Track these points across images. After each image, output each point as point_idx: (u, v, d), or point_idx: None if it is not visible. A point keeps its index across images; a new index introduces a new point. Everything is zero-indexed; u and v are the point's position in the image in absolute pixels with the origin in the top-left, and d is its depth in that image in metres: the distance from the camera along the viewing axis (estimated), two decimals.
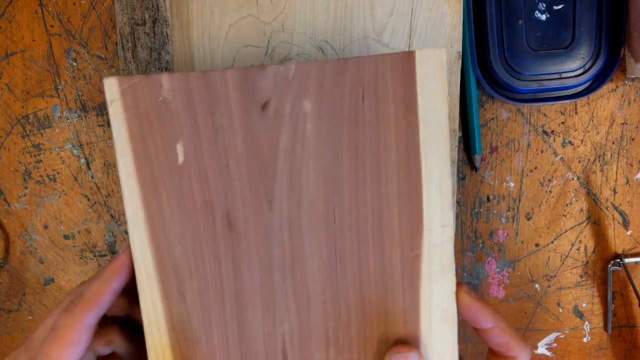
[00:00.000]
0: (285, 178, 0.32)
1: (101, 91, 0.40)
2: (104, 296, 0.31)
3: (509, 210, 0.42)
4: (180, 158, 0.32)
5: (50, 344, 0.30)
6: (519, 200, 0.42)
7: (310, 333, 0.34)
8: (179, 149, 0.32)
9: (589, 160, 0.41)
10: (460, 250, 0.42)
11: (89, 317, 0.31)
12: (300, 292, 0.33)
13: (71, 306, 0.31)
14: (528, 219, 0.42)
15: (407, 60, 0.31)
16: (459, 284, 0.32)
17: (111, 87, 0.31)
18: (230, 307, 0.33)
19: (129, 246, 0.33)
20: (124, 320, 0.36)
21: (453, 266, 0.33)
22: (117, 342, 0.35)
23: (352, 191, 0.32)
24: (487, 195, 0.42)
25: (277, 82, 0.31)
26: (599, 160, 0.41)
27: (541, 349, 0.43)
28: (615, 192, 0.42)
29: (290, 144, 0.32)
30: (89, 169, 0.41)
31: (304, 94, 0.31)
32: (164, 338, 0.33)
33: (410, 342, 0.33)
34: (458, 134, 0.39)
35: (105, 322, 0.32)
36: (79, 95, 0.40)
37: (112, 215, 0.41)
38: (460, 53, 0.38)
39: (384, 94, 0.31)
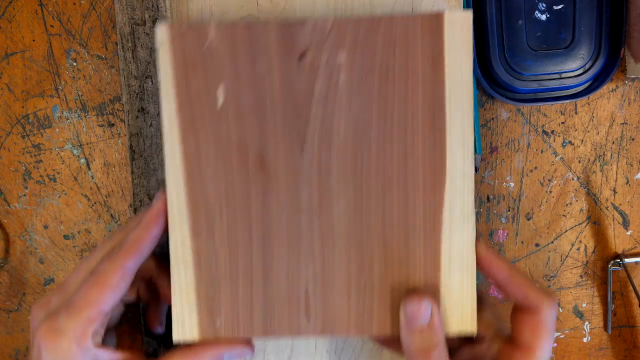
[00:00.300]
0: (317, 124, 0.33)
1: (101, 91, 0.40)
2: (145, 242, 0.32)
3: (509, 210, 0.42)
4: (220, 101, 0.33)
5: (90, 287, 0.30)
6: (519, 200, 0.42)
7: (333, 277, 0.34)
8: (220, 92, 0.33)
9: (589, 160, 0.41)
10: None
11: (131, 262, 0.31)
12: (325, 236, 0.34)
13: (112, 253, 0.31)
14: (528, 219, 0.42)
15: (436, 21, 0.33)
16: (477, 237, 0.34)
17: (162, 33, 0.33)
18: (257, 248, 0.34)
19: (163, 194, 0.33)
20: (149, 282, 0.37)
21: (473, 216, 0.34)
22: (142, 295, 0.36)
23: (380, 140, 0.34)
24: (487, 195, 0.42)
25: (314, 35, 0.33)
26: (599, 160, 0.41)
27: None
28: (615, 192, 0.42)
29: (324, 93, 0.33)
30: (89, 169, 0.41)
31: (339, 46, 0.33)
32: (189, 275, 0.34)
33: (429, 290, 0.34)
34: None
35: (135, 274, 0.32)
36: (79, 95, 0.40)
37: (112, 215, 0.41)
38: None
39: (413, 50, 0.33)
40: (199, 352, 0.32)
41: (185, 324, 0.34)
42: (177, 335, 0.34)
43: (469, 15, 0.33)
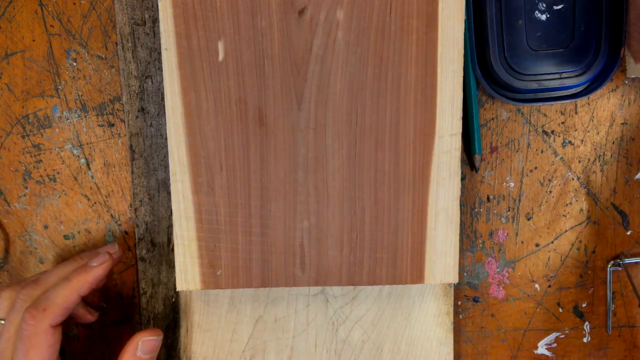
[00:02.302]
0: (315, 80, 0.34)
1: (101, 91, 0.40)
2: (72, 303, 0.34)
3: (509, 210, 0.42)
4: (221, 55, 0.34)
5: (65, 289, 0.34)
6: (519, 200, 0.42)
7: (327, 230, 0.36)
8: (220, 46, 0.34)
9: (589, 160, 0.41)
10: (461, 250, 0.42)
11: (98, 280, 0.35)
12: (320, 191, 0.36)
13: (85, 269, 0.35)
14: (528, 219, 0.42)
15: None
16: None
17: None
18: (255, 202, 0.35)
19: (108, 259, 0.36)
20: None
21: (459, 173, 0.35)
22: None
23: (374, 97, 0.35)
24: (487, 195, 0.42)
25: None
26: (599, 160, 0.41)
27: (541, 349, 0.43)
28: (615, 192, 0.42)
29: (322, 50, 0.34)
30: (89, 169, 0.41)
31: (337, 3, 0.34)
32: (191, 228, 0.35)
33: (416, 242, 0.36)
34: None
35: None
36: (79, 95, 0.40)
37: (112, 215, 0.41)
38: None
39: (409, 9, 0.34)
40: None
41: (187, 275, 0.35)
42: (180, 285, 0.36)
43: None
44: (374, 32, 0.34)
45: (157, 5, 0.37)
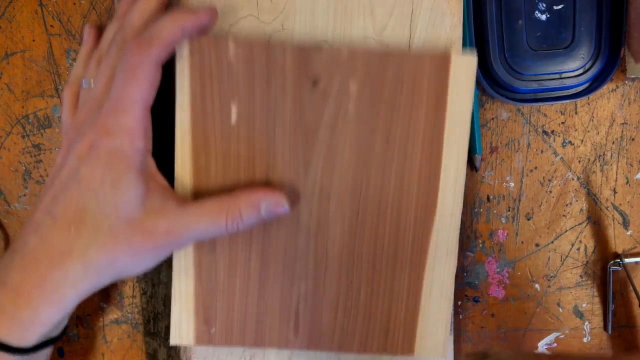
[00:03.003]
0: (323, 149, 0.35)
1: None
2: (177, 39, 0.30)
3: (509, 210, 0.42)
4: (234, 118, 0.34)
5: (128, 84, 0.30)
6: (519, 200, 0.42)
7: (323, 296, 0.36)
8: (234, 110, 0.34)
9: (589, 160, 0.41)
10: (460, 250, 0.42)
11: (163, 56, 0.30)
12: (319, 257, 0.36)
13: (142, 44, 0.30)
14: (528, 219, 0.42)
15: (443, 63, 0.34)
16: None
17: (182, 45, 0.33)
18: (255, 264, 0.36)
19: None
20: None
21: (457, 251, 0.36)
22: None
23: (379, 170, 0.35)
24: (487, 195, 0.42)
25: (329, 62, 0.34)
26: (599, 160, 0.41)
27: (541, 349, 0.43)
28: (615, 192, 0.42)
29: (332, 119, 0.35)
30: None
31: (351, 76, 0.34)
32: (189, 285, 0.36)
33: (409, 316, 0.37)
34: None
35: None
36: None
37: None
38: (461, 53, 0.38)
39: (419, 88, 0.34)
40: (234, 197, 0.32)
41: (182, 330, 0.36)
42: (174, 340, 0.36)
43: (473, 59, 0.34)
44: (384, 106, 0.34)
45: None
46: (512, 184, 0.41)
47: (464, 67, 0.34)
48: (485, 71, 0.39)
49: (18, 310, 0.30)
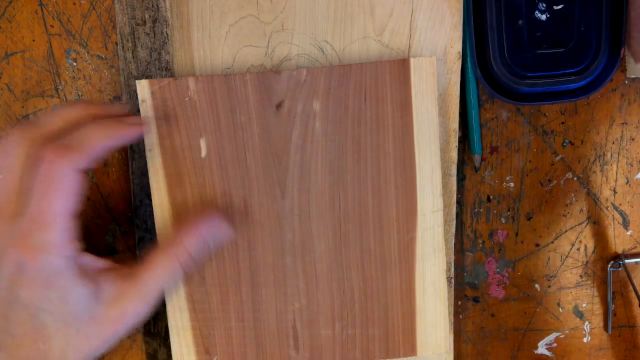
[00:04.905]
0: (296, 169, 0.36)
1: (101, 91, 0.40)
2: (99, 148, 0.29)
3: (509, 210, 0.42)
4: (203, 152, 0.35)
5: (48, 196, 0.28)
6: (519, 200, 0.42)
7: (318, 311, 0.37)
8: (202, 143, 0.35)
9: (589, 160, 0.41)
10: (460, 250, 0.42)
11: (85, 164, 0.29)
12: (309, 273, 0.37)
13: (62, 151, 0.28)
14: (528, 219, 0.42)
15: (402, 67, 0.35)
16: None
17: (142, 88, 0.35)
18: (246, 288, 0.36)
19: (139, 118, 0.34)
20: None
21: (444, 247, 0.37)
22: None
23: (355, 181, 0.36)
24: (487, 195, 0.42)
25: (290, 85, 0.35)
26: (599, 160, 0.41)
27: (541, 349, 0.43)
28: (615, 192, 0.42)
29: (301, 140, 0.35)
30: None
31: (313, 95, 0.35)
32: (185, 318, 0.36)
33: (407, 316, 0.37)
34: (458, 134, 0.39)
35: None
36: (79, 95, 0.40)
37: (112, 215, 0.41)
38: (460, 53, 0.38)
39: (383, 96, 0.35)
40: (178, 241, 0.32)
41: None
42: None
43: (433, 60, 0.35)
44: (351, 119, 0.35)
45: (157, 6, 0.37)
46: (512, 184, 0.41)
47: (424, 69, 0.35)
48: (485, 71, 0.39)
49: None
